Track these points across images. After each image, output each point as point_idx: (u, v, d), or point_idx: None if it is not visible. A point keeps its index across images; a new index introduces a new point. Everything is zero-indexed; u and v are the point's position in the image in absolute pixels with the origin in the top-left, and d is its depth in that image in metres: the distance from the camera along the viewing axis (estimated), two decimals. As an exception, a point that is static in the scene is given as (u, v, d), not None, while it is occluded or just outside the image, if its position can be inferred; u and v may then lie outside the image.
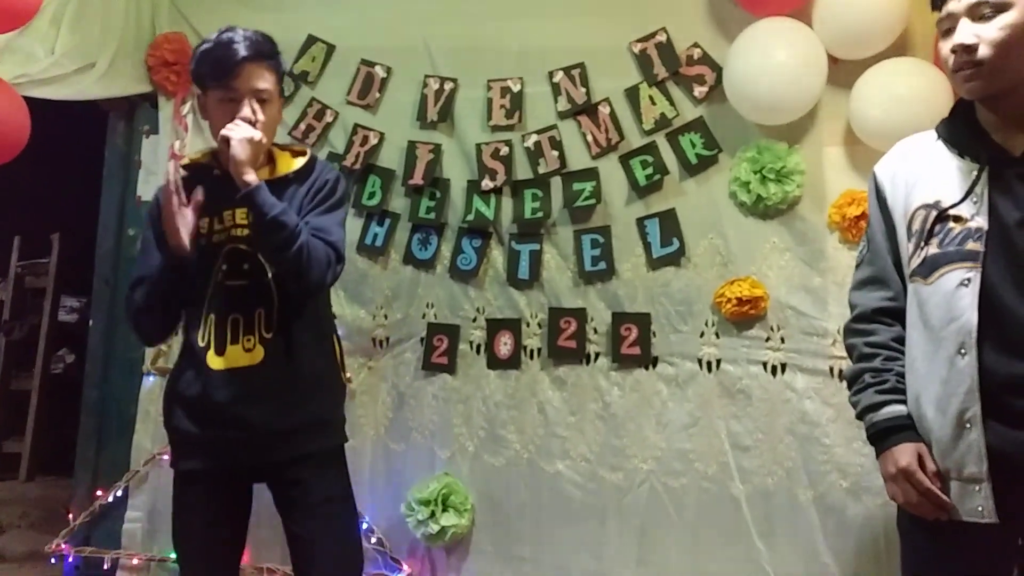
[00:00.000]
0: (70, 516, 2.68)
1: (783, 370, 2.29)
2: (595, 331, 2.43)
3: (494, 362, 2.49)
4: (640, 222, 2.42)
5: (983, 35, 1.34)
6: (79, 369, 3.06)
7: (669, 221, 2.39)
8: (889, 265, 1.51)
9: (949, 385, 1.36)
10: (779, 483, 2.26)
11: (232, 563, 1.82)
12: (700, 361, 2.35)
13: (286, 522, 1.78)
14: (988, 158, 1.39)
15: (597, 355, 2.43)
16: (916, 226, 1.45)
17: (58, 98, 2.46)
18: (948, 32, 1.39)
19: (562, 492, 2.41)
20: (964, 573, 1.39)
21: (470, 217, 2.51)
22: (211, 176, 1.75)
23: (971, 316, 1.34)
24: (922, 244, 1.43)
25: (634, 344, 2.38)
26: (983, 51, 1.33)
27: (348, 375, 2.56)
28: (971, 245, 1.37)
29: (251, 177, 1.63)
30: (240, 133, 1.64)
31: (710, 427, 2.32)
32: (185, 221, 1.65)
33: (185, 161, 1.85)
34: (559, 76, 2.49)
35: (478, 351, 2.51)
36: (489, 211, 2.51)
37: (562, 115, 2.49)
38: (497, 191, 2.51)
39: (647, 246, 2.41)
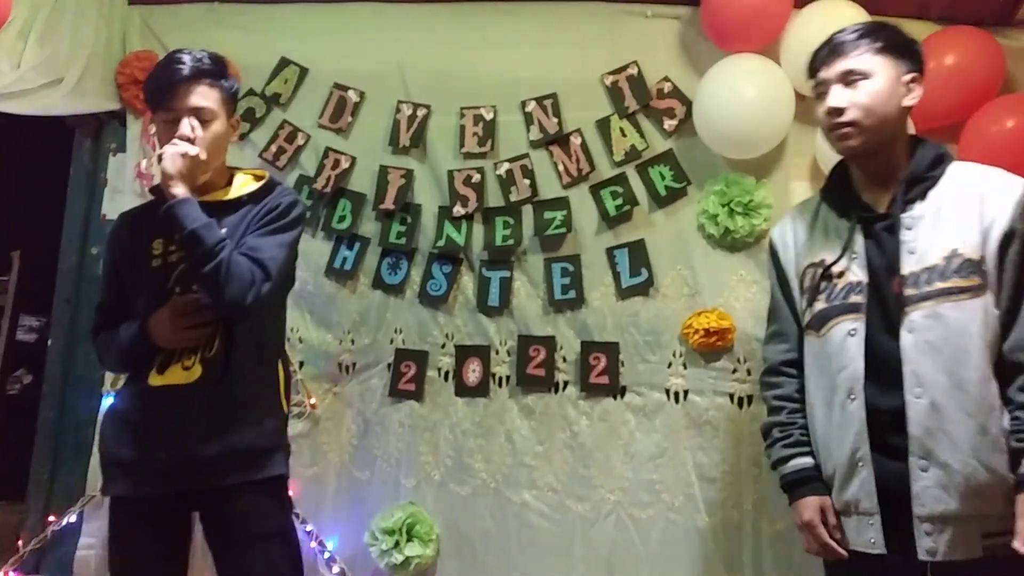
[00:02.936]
0: (20, 543, 2.59)
1: (749, 402, 2.30)
2: (564, 359, 2.43)
3: (462, 389, 2.47)
4: (610, 252, 2.43)
5: (852, 99, 1.51)
6: (37, 390, 2.97)
7: (638, 251, 2.41)
8: (790, 320, 1.67)
9: (842, 428, 1.51)
10: (745, 515, 2.26)
11: None
12: (668, 391, 2.36)
13: (217, 558, 1.71)
14: (858, 215, 1.55)
15: (566, 384, 2.42)
16: (807, 283, 1.61)
17: (23, 113, 2.42)
18: (821, 96, 1.57)
19: (528, 522, 2.38)
20: None
21: (441, 243, 2.51)
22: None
23: (858, 364, 1.49)
24: (812, 300, 1.59)
25: (602, 373, 2.38)
26: (851, 113, 1.51)
27: (313, 401, 2.52)
28: (853, 298, 1.52)
29: (177, 190, 1.61)
30: (173, 149, 1.63)
31: (677, 458, 2.32)
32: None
33: (152, 184, 1.83)
34: (532, 106, 2.51)
35: (446, 378, 2.49)
36: (460, 237, 2.50)
37: (534, 144, 2.51)
38: (468, 217, 2.51)
39: (616, 276, 2.42)
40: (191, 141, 1.65)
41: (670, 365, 2.37)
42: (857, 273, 1.53)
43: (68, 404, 2.72)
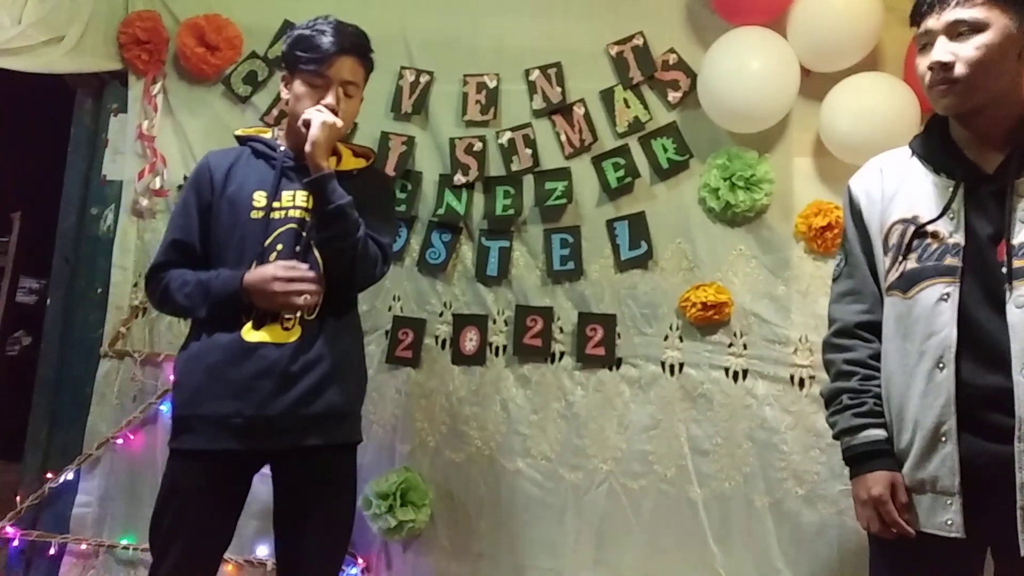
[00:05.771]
0: (18, 499, 2.61)
1: (744, 376, 2.31)
2: (561, 330, 2.44)
3: (459, 358, 2.48)
4: (610, 224, 2.43)
5: (959, 53, 1.36)
6: (35, 352, 2.97)
7: (638, 224, 2.41)
8: (869, 279, 1.52)
9: (927, 398, 1.38)
10: (736, 488, 2.28)
11: (218, 558, 1.74)
12: (663, 364, 2.37)
13: (284, 511, 1.74)
14: (963, 175, 1.42)
15: (562, 354, 2.43)
16: (893, 240, 1.47)
17: (24, 70, 2.40)
18: (925, 48, 1.41)
19: (522, 490, 2.40)
20: None
21: (441, 211, 2.50)
22: (274, 152, 1.80)
23: (951, 331, 1.36)
24: (900, 258, 1.44)
25: (599, 345, 2.39)
26: (959, 69, 1.36)
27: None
28: (949, 260, 1.39)
29: (324, 163, 1.68)
30: (322, 117, 1.68)
31: (671, 430, 2.34)
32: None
33: (240, 133, 1.89)
34: (535, 74, 2.49)
35: (443, 346, 2.50)
36: (460, 206, 2.50)
37: (537, 113, 2.49)
38: (469, 186, 2.51)
39: (616, 248, 2.42)
40: (335, 113, 1.70)
41: (666, 338, 2.38)
42: (955, 235, 1.39)
43: (66, 363, 2.72)
